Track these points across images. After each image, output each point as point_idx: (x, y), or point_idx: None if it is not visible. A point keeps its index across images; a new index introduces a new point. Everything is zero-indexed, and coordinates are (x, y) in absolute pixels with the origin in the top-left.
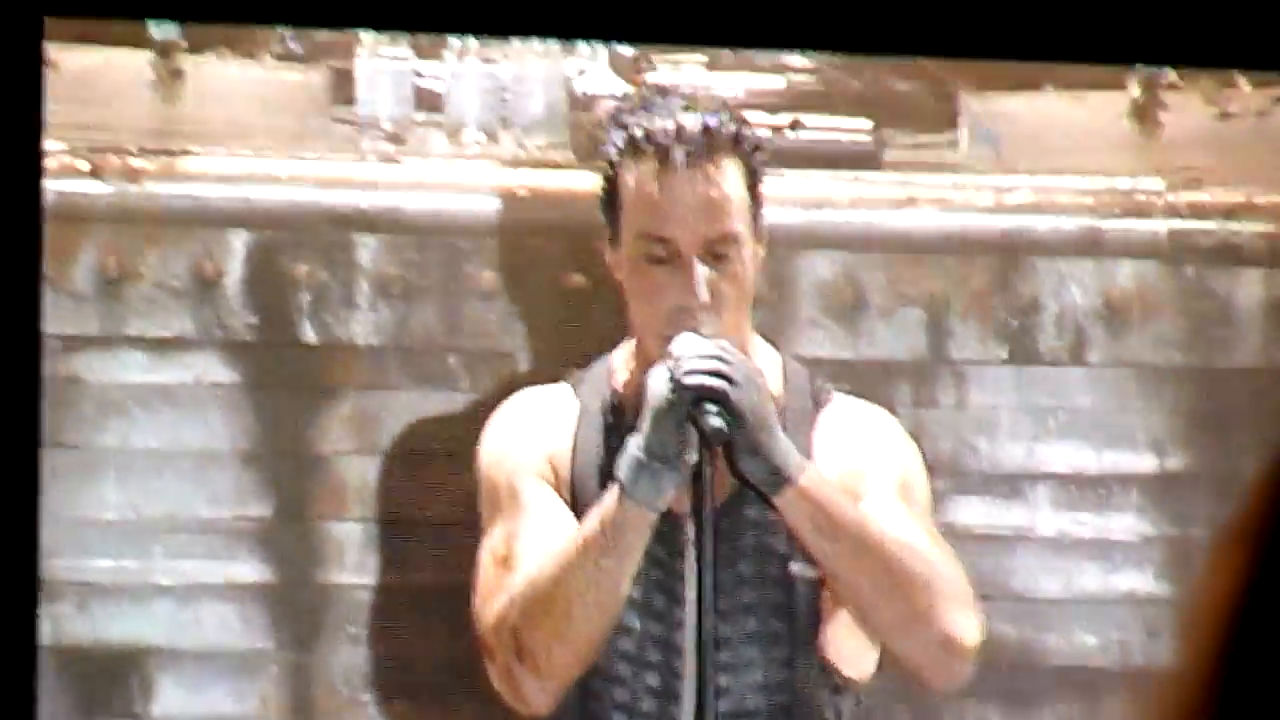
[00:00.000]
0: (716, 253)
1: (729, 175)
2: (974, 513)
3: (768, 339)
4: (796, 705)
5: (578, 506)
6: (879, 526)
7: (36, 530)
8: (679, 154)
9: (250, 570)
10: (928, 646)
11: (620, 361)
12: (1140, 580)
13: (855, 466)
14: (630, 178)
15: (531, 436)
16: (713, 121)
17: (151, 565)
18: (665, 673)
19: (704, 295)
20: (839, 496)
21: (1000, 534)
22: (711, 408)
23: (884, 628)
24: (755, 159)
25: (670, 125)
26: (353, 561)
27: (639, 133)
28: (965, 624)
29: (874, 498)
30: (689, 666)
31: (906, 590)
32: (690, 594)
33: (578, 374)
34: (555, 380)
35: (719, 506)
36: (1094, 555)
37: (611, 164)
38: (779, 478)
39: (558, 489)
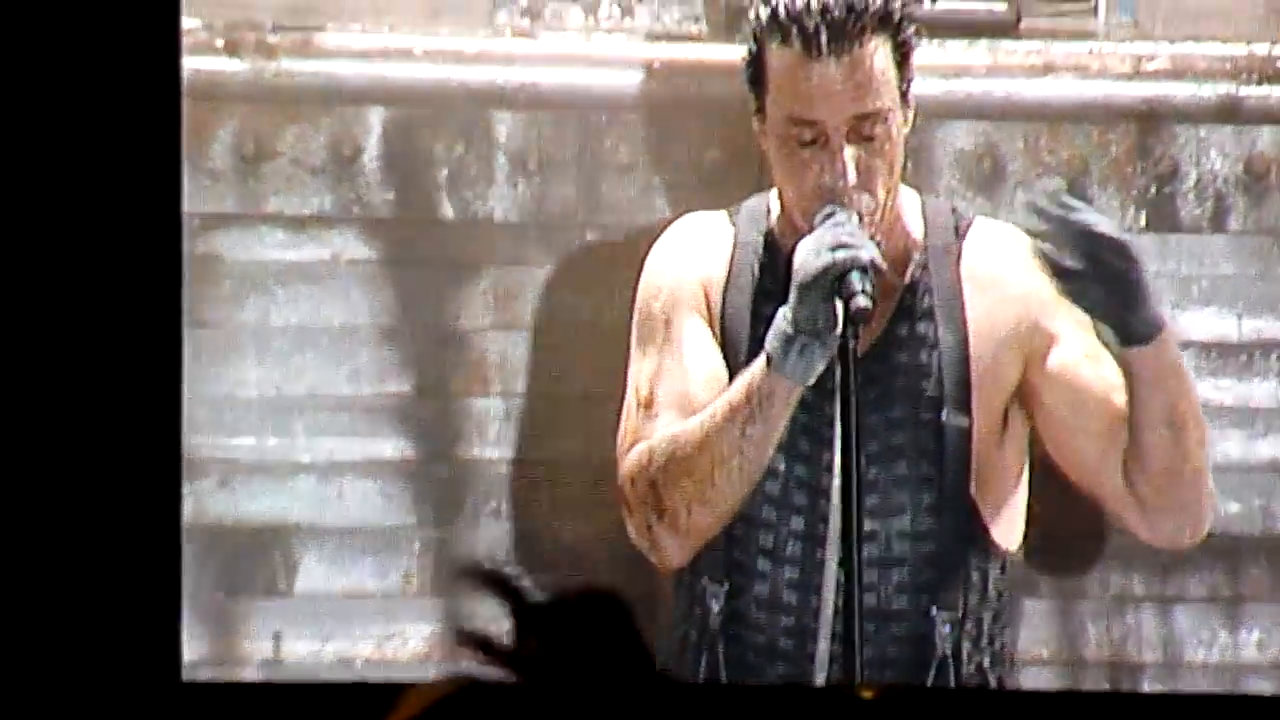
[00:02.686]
0: (864, 133)
1: (877, 54)
2: None
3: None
4: (942, 558)
5: (726, 339)
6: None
7: (179, 408)
8: (824, 38)
9: (391, 446)
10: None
11: (776, 199)
12: None
13: (1021, 292)
14: (775, 60)
15: (689, 264)
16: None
17: (293, 442)
18: (810, 517)
19: (852, 177)
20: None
21: None
22: (856, 284)
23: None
24: (904, 32)
25: (815, 3)
26: (493, 436)
27: (783, 13)
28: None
29: (1070, 344)
30: (836, 510)
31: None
32: (838, 444)
33: (736, 206)
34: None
35: (869, 350)
36: (1236, 422)
37: (756, 38)
38: None
39: (709, 319)
